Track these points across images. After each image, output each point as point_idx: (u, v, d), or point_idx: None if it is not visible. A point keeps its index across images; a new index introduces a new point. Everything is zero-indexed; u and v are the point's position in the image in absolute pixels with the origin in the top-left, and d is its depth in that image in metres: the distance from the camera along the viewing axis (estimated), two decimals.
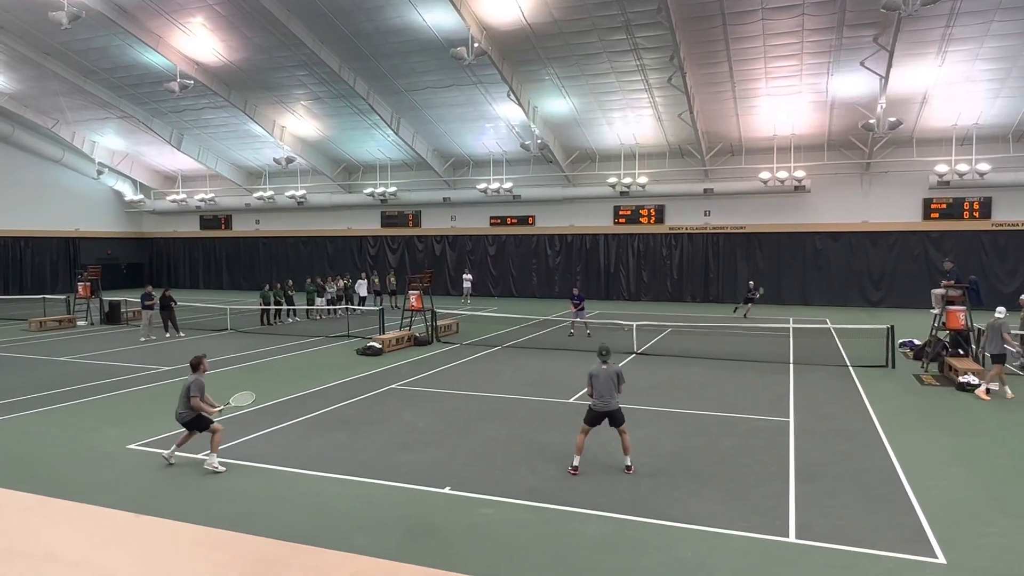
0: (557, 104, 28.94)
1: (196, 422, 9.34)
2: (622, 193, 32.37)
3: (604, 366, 9.20)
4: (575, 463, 9.03)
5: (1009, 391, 13.29)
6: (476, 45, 22.57)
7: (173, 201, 41.59)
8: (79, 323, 25.51)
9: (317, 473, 8.98)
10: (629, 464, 9.08)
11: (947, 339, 15.99)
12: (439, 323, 21.22)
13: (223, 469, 9.12)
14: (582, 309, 21.87)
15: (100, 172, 39.15)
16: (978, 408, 12.48)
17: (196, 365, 9.60)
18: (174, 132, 35.56)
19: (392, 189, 36.43)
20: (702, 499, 8.08)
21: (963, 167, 26.85)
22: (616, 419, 9.09)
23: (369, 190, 36.75)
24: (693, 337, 21.30)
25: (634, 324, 19.80)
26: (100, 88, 31.16)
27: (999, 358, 13.45)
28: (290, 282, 28.78)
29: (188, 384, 9.35)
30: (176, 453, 9.43)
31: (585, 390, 9.48)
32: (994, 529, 7.22)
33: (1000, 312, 14.14)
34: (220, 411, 9.45)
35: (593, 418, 9.14)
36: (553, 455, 9.70)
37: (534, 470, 9.10)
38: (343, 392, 13.81)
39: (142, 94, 31.65)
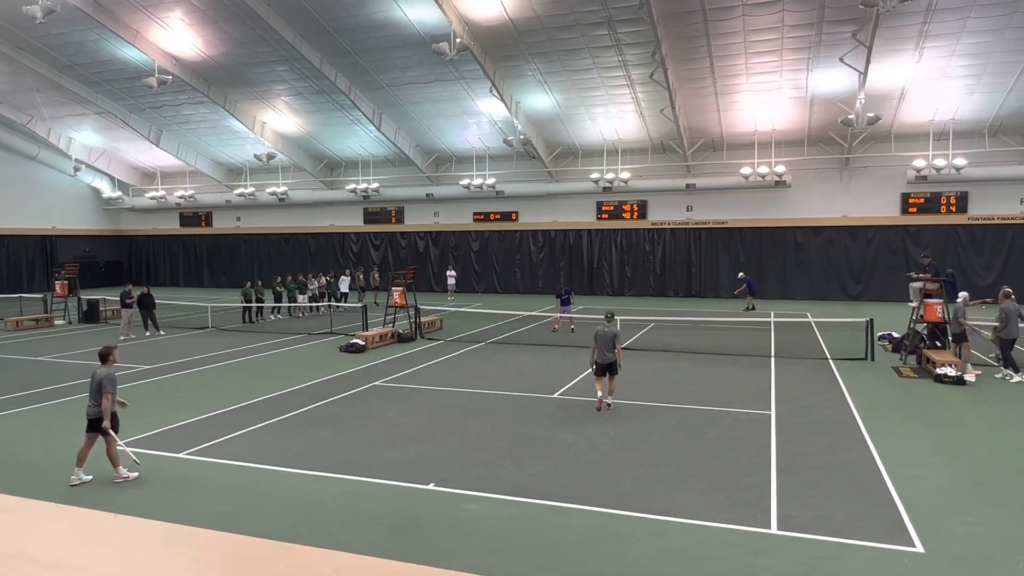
0: (540, 100, 28.92)
1: (99, 423, 8.35)
2: (605, 189, 32.45)
3: (607, 328, 11.72)
4: (600, 395, 11.86)
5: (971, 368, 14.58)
6: (458, 40, 22.47)
7: (152, 198, 41.12)
8: (57, 322, 25.14)
9: (301, 471, 8.93)
10: (610, 403, 11.76)
11: (925, 332, 16.24)
12: (423, 319, 21.19)
13: (135, 475, 8.56)
14: (569, 304, 21.89)
15: (77, 169, 38.53)
16: (956, 399, 12.68)
17: (105, 356, 8.68)
18: (152, 128, 35.09)
19: (375, 185, 36.22)
20: (686, 491, 8.14)
21: (940, 162, 27.25)
22: (612, 370, 11.76)
23: (351, 186, 36.53)
24: (676, 332, 21.42)
25: (618, 319, 19.81)
26: (76, 84, 30.64)
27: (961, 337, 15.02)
28: (277, 279, 28.16)
29: (101, 377, 8.37)
30: (83, 475, 8.43)
31: (591, 365, 12.05)
32: (971, 518, 7.35)
33: (962, 296, 15.90)
34: (114, 435, 8.39)
35: (598, 370, 11.81)
36: (538, 450, 9.73)
37: (519, 465, 9.12)
38: (326, 389, 13.74)
39: (120, 90, 31.19)
